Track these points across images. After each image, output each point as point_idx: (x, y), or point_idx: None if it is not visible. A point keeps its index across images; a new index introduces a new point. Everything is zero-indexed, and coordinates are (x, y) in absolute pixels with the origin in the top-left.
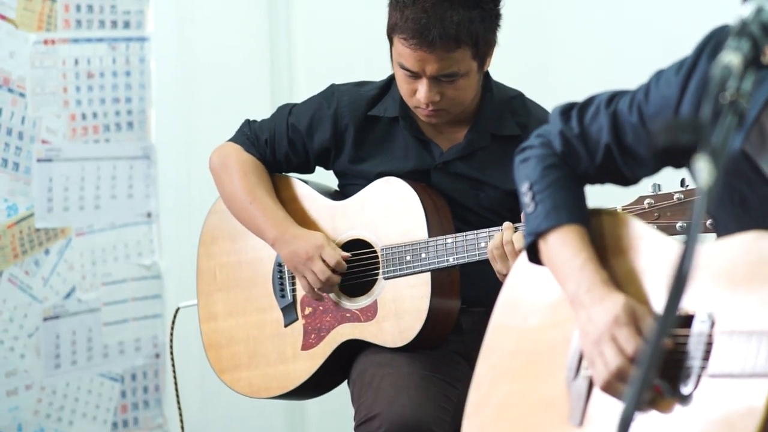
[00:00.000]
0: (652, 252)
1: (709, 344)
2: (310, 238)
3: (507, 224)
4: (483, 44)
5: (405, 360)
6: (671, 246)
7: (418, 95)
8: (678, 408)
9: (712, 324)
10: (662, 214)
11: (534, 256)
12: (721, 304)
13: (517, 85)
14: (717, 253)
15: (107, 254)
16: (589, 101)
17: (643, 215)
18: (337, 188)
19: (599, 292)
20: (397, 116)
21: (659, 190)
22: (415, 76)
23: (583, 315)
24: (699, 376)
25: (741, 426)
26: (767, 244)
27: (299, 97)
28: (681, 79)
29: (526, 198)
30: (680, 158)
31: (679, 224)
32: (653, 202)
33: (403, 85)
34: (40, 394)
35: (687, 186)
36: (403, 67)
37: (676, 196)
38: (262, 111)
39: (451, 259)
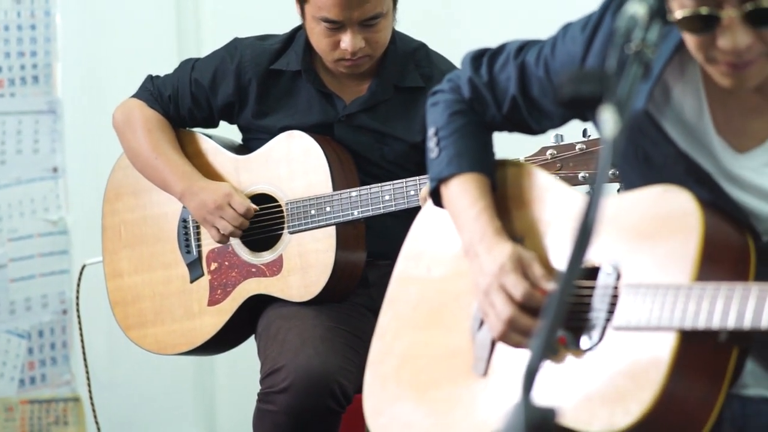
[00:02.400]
0: (558, 204)
1: (615, 297)
2: (218, 188)
3: None
4: None
5: (311, 312)
6: (577, 198)
7: (343, 45)
8: (583, 360)
9: (618, 276)
10: (565, 164)
11: (439, 200)
12: (627, 258)
13: (420, 34)
14: (624, 205)
15: (13, 210)
16: (501, 49)
17: (546, 166)
18: (242, 143)
19: (490, 242)
20: (300, 69)
21: (562, 141)
22: (339, 27)
23: (475, 265)
24: (604, 328)
25: (645, 378)
26: (673, 198)
27: (206, 50)
28: (586, 37)
29: (431, 143)
30: (585, 110)
31: (581, 174)
32: (556, 152)
33: (323, 40)
34: None
35: (589, 136)
36: (326, 20)
37: (578, 146)
38: (169, 63)
39: (355, 213)
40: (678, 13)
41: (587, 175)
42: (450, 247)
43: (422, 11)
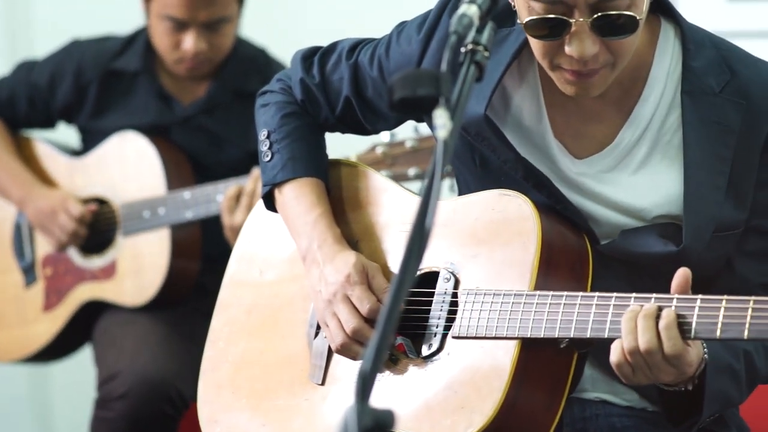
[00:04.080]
0: (393, 206)
1: (454, 303)
2: (55, 195)
3: (255, 173)
4: None
5: (147, 318)
6: (412, 200)
7: (185, 46)
8: (422, 368)
9: (456, 282)
10: (395, 161)
11: (271, 204)
12: (465, 263)
13: (266, 36)
14: (460, 209)
15: None
16: (332, 48)
17: (378, 163)
18: (81, 143)
19: (330, 249)
20: (139, 71)
21: (393, 139)
22: (182, 26)
23: (315, 273)
24: (444, 336)
25: (487, 388)
26: (510, 202)
27: (39, 50)
28: (422, 38)
29: (263, 147)
30: (419, 111)
31: (412, 171)
32: (387, 149)
33: (164, 39)
34: None
35: (420, 134)
36: (170, 18)
37: (408, 143)
38: (0, 65)
39: (188, 214)
40: (526, 18)
41: (418, 171)
42: (282, 251)
43: (266, 14)
